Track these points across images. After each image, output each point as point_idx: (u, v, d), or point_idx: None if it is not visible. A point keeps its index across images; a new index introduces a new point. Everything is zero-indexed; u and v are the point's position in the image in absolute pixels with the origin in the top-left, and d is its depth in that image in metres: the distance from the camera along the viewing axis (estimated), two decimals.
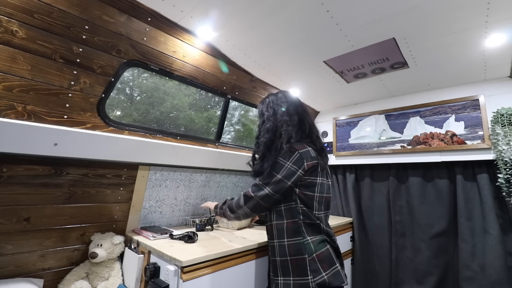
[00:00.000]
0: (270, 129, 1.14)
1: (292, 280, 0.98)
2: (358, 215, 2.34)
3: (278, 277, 1.03)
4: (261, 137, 1.16)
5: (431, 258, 1.92)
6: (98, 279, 1.28)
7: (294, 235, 1.02)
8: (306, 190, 1.05)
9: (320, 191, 1.07)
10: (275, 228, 1.07)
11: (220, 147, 1.99)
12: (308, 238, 1.01)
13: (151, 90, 2.10)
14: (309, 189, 1.05)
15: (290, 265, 1.00)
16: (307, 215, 1.03)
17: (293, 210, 1.04)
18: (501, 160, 1.60)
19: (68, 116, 1.19)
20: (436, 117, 1.98)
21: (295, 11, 1.25)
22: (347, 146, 2.44)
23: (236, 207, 1.14)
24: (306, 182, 1.05)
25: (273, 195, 1.04)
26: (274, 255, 1.07)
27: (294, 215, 1.04)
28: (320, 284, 0.95)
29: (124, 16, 1.23)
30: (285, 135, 1.10)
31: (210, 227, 1.68)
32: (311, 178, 1.06)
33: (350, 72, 1.83)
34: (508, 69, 1.66)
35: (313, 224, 1.04)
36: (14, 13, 0.98)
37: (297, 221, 1.03)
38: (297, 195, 1.04)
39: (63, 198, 1.26)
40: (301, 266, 0.98)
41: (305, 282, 0.96)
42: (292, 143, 1.09)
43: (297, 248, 1.00)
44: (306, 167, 1.04)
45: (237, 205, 1.13)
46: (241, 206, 1.11)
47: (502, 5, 1.14)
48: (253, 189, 1.09)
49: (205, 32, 1.45)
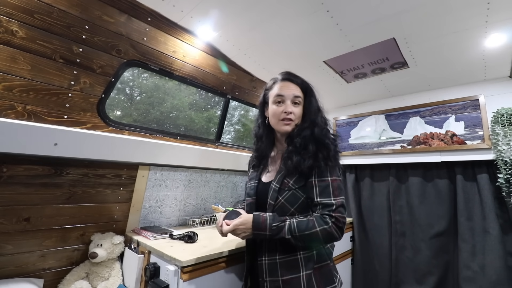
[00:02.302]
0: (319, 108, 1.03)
1: None
2: (358, 215, 2.34)
3: None
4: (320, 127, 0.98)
5: (431, 258, 1.92)
6: (98, 279, 1.28)
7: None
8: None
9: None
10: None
11: (220, 147, 1.99)
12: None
13: (151, 90, 2.10)
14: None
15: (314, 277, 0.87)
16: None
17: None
18: (501, 160, 1.60)
19: (68, 116, 1.19)
20: (436, 117, 1.98)
21: (295, 11, 1.25)
22: (347, 146, 2.44)
23: (327, 239, 0.86)
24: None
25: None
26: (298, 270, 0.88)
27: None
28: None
29: (124, 16, 1.23)
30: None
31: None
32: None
33: (350, 72, 1.83)
34: (508, 69, 1.66)
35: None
36: (14, 13, 0.98)
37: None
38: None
39: (63, 198, 1.26)
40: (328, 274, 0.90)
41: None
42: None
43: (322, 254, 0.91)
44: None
45: (330, 237, 0.85)
46: (337, 238, 0.86)
47: (502, 5, 1.14)
48: (342, 211, 0.86)
49: (205, 32, 1.45)
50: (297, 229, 0.85)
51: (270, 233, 0.87)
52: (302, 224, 0.85)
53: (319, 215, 0.86)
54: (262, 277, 0.91)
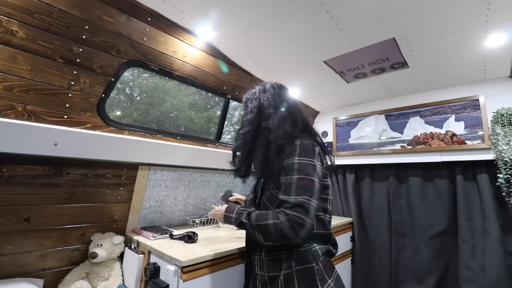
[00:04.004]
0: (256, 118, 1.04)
1: None
2: (358, 215, 2.34)
3: None
4: (249, 125, 1.04)
5: (431, 258, 1.92)
6: (98, 279, 1.28)
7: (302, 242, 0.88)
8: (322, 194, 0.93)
9: (331, 194, 0.99)
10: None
11: (220, 147, 1.99)
12: (315, 245, 0.90)
13: (151, 90, 2.10)
14: (324, 191, 0.94)
15: (296, 277, 0.85)
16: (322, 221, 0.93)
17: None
18: (501, 160, 1.60)
19: (68, 116, 1.19)
20: (436, 117, 1.98)
21: (295, 11, 1.25)
22: (347, 146, 2.44)
23: (279, 237, 0.82)
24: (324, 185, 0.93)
25: (317, 204, 0.86)
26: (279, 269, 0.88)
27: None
28: None
29: (124, 16, 1.23)
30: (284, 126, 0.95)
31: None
32: (327, 180, 0.96)
33: (350, 72, 1.83)
34: (508, 69, 1.66)
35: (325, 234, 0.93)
36: (14, 13, 0.98)
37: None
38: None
39: (63, 198, 1.26)
40: (309, 276, 0.85)
41: None
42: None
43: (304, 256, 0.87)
44: (324, 165, 0.95)
45: (282, 235, 0.81)
46: (291, 238, 0.81)
47: (502, 5, 1.14)
48: (300, 211, 0.80)
49: (205, 32, 1.45)
50: (255, 217, 0.88)
51: (235, 216, 0.96)
52: (260, 215, 0.88)
53: (276, 210, 0.85)
54: (255, 270, 0.98)
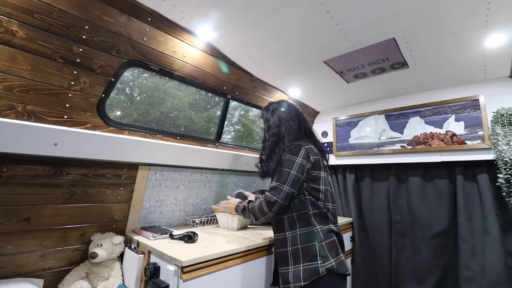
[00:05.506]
0: (276, 133, 1.27)
1: (302, 266, 1.06)
2: (358, 215, 2.34)
3: (289, 266, 1.09)
4: (267, 140, 1.29)
5: (431, 258, 1.92)
6: (98, 279, 1.28)
7: (305, 225, 1.12)
8: (312, 183, 1.15)
9: (324, 184, 1.18)
10: (287, 221, 1.15)
11: (220, 147, 1.99)
12: (317, 227, 1.11)
13: (151, 90, 2.09)
14: (315, 182, 1.16)
15: (301, 252, 1.08)
16: (316, 205, 1.14)
17: (302, 202, 1.14)
18: (501, 160, 1.60)
19: (68, 116, 1.19)
20: (436, 117, 1.98)
21: (295, 11, 1.25)
22: (347, 146, 2.44)
23: (261, 214, 1.16)
24: (312, 176, 1.16)
25: (292, 191, 1.12)
26: (286, 246, 1.13)
27: (304, 206, 1.13)
28: (329, 269, 1.04)
29: (124, 16, 1.23)
30: (289, 136, 1.23)
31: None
32: (316, 172, 1.17)
33: (350, 72, 1.83)
34: (508, 69, 1.66)
35: (321, 213, 1.14)
36: (14, 13, 0.98)
37: (307, 211, 1.13)
38: (305, 188, 1.15)
39: (63, 198, 1.26)
40: (312, 252, 1.07)
41: (315, 266, 1.04)
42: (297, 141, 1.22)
43: (308, 236, 1.10)
44: (312, 160, 1.16)
45: (262, 212, 1.15)
46: (267, 213, 1.13)
47: (502, 5, 1.14)
48: (273, 193, 1.12)
49: (205, 32, 1.45)
50: (251, 204, 1.24)
51: (242, 205, 1.31)
52: (254, 202, 1.22)
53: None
54: (274, 249, 1.24)
